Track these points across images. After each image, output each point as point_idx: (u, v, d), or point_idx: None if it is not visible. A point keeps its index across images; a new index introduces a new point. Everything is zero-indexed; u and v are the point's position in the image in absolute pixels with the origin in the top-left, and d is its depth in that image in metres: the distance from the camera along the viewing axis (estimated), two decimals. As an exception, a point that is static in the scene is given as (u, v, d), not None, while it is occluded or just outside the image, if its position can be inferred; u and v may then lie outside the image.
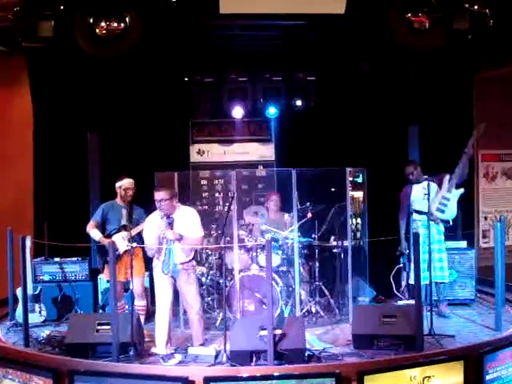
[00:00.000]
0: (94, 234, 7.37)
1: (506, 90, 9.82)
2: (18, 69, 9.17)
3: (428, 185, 7.28)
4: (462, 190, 7.76)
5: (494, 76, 9.54)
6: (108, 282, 7.26)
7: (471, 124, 9.59)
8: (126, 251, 7.18)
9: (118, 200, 7.47)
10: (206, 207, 9.08)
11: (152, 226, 6.63)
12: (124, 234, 7.24)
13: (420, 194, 7.66)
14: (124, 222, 7.30)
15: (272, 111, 9.51)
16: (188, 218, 6.64)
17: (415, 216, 7.85)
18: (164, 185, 6.86)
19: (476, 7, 7.49)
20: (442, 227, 7.82)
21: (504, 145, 10.27)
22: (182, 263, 6.60)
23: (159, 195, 6.51)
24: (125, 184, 7.40)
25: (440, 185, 7.74)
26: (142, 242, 6.91)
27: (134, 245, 6.90)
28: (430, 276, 7.08)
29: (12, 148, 9.26)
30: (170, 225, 6.52)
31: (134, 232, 7.08)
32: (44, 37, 7.47)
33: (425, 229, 7.43)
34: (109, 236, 7.30)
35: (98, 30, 7.39)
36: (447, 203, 7.67)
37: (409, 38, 7.53)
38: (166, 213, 6.53)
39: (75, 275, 8.39)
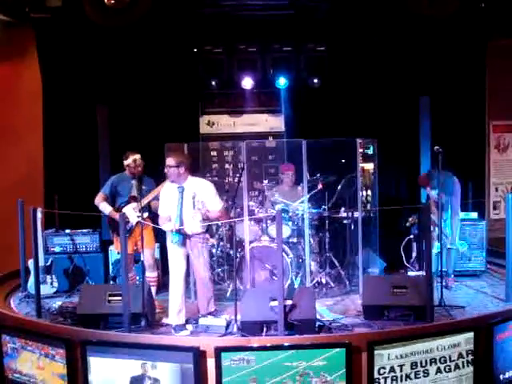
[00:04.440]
0: (104, 207, 7.36)
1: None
2: (27, 41, 9.10)
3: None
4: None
5: (506, 46, 9.40)
6: (119, 253, 7.27)
7: (483, 94, 9.49)
8: (137, 222, 7.16)
9: (127, 172, 7.44)
10: (216, 178, 9.07)
11: (166, 196, 6.63)
12: (134, 205, 7.19)
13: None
14: (134, 193, 7.24)
15: (282, 82, 9.41)
16: (202, 191, 6.59)
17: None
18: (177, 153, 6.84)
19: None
20: None
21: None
22: (196, 234, 6.62)
23: (167, 161, 6.54)
24: (130, 163, 7.35)
25: None
26: (153, 212, 6.92)
27: (146, 215, 6.89)
28: (441, 245, 7.09)
29: (22, 121, 9.22)
30: (181, 194, 6.51)
31: (144, 202, 7.05)
32: (52, 7, 7.43)
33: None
34: (119, 209, 7.29)
35: (106, 0, 7.32)
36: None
37: (421, 5, 7.42)
38: (171, 180, 6.54)
39: (86, 247, 8.45)
